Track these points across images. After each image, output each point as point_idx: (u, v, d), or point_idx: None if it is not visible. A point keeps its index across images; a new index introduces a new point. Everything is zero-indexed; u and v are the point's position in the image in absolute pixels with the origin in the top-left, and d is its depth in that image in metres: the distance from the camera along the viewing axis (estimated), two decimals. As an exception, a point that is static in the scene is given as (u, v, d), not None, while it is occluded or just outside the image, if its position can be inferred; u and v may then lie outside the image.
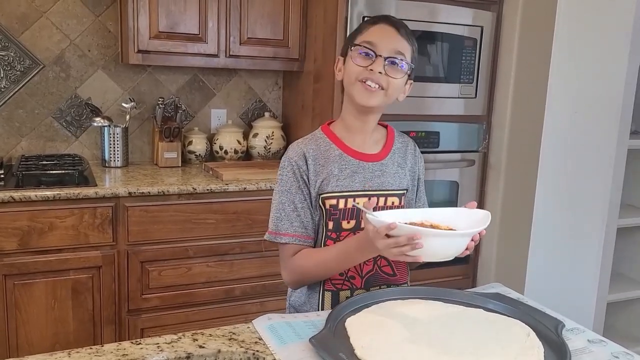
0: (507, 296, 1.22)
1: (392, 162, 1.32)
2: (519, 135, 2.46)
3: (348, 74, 1.24)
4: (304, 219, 1.26)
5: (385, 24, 1.25)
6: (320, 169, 1.27)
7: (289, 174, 1.27)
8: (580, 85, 2.31)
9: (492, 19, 2.50)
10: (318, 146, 1.29)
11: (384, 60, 1.21)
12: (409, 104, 2.39)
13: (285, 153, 1.31)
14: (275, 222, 1.27)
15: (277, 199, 1.28)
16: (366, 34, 1.24)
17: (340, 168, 1.27)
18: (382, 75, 1.21)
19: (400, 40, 1.24)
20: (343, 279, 1.29)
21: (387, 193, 1.30)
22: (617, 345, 1.05)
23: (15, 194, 1.92)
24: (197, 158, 2.64)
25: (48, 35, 2.43)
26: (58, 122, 2.50)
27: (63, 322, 2.05)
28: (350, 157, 1.28)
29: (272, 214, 1.29)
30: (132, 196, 2.07)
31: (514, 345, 1.00)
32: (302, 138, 1.33)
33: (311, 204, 1.27)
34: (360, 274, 1.29)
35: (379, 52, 1.21)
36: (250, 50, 2.46)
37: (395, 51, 1.22)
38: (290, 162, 1.28)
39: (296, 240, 1.26)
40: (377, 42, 1.21)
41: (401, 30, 1.24)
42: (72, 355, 0.94)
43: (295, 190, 1.26)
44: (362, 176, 1.28)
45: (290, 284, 1.32)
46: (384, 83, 1.21)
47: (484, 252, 2.68)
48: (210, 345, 1.00)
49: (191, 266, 2.20)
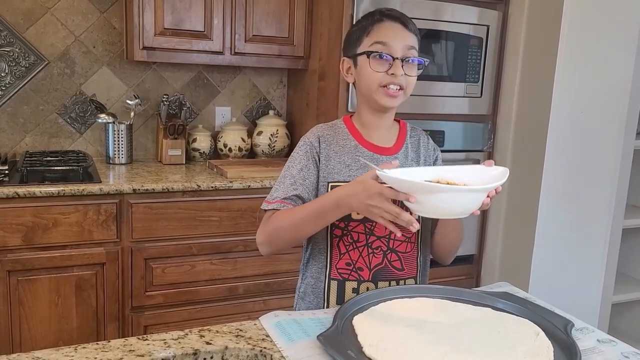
0: (515, 295, 1.21)
1: (405, 157, 1.32)
2: (524, 135, 2.45)
3: (367, 81, 1.24)
4: (300, 192, 1.25)
5: (392, 20, 1.24)
6: (332, 154, 1.28)
7: (300, 152, 1.29)
8: (586, 85, 2.30)
9: (498, 18, 2.49)
10: (335, 133, 1.31)
11: (400, 61, 1.21)
12: (414, 103, 2.39)
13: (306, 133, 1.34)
14: (272, 193, 1.27)
15: (282, 172, 1.29)
16: (374, 34, 1.23)
17: (353, 159, 1.28)
18: (402, 77, 1.22)
19: (409, 34, 1.24)
20: (350, 269, 1.28)
21: None
22: (627, 346, 1.04)
23: (20, 190, 1.92)
24: (202, 155, 2.64)
25: (53, 32, 2.42)
26: (62, 119, 2.50)
27: (66, 319, 2.04)
28: (365, 149, 1.29)
29: (273, 187, 1.30)
30: (136, 193, 2.07)
31: (523, 344, 0.99)
32: (324, 123, 1.36)
33: (315, 185, 1.27)
34: (369, 266, 1.28)
35: (395, 54, 1.21)
36: (255, 47, 2.46)
37: (407, 47, 1.22)
38: (305, 141, 1.30)
39: (283, 206, 1.24)
40: (389, 43, 1.21)
41: (408, 24, 1.25)
42: (78, 350, 0.93)
43: (301, 167, 1.27)
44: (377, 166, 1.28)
45: (260, 245, 1.28)
46: (404, 83, 1.23)
47: (488, 252, 2.67)
48: (217, 341, 1.00)
49: (195, 264, 2.20)
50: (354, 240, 1.27)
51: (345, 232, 1.27)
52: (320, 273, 1.30)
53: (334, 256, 1.29)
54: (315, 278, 1.31)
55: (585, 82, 2.29)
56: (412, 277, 1.33)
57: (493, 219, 2.63)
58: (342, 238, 1.28)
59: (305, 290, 1.35)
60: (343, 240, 1.28)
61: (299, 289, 1.39)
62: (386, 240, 1.29)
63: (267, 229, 1.25)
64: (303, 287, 1.36)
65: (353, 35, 1.28)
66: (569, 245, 2.41)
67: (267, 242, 1.27)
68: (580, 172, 2.36)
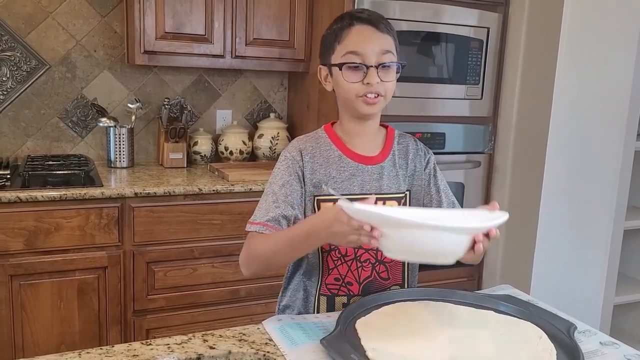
0: (518, 298, 1.21)
1: (391, 165, 1.27)
2: (525, 136, 2.46)
3: (344, 91, 1.19)
4: (283, 210, 1.18)
5: (362, 23, 1.18)
6: (317, 167, 1.23)
7: (282, 167, 1.23)
8: (587, 86, 2.30)
9: (499, 20, 2.49)
10: (318, 145, 1.26)
11: (375, 69, 1.16)
12: (414, 105, 2.40)
13: (286, 146, 1.29)
14: (255, 213, 1.21)
15: (265, 190, 1.24)
16: (346, 42, 1.18)
17: (338, 170, 1.23)
18: (379, 84, 1.16)
19: (383, 37, 1.18)
20: (339, 284, 1.25)
21: (385, 197, 1.25)
22: (629, 348, 1.05)
23: (22, 194, 1.92)
24: (203, 159, 2.64)
25: (54, 36, 2.43)
26: (64, 123, 2.50)
27: (69, 323, 2.04)
28: (350, 159, 1.24)
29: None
30: (138, 197, 2.07)
31: (526, 347, 1.00)
32: (304, 135, 1.30)
33: (302, 202, 1.22)
34: (358, 280, 1.25)
35: (369, 62, 1.16)
36: (256, 51, 2.46)
37: (381, 52, 1.17)
38: (286, 155, 1.24)
39: (264, 229, 1.17)
40: (362, 51, 1.16)
41: (380, 25, 1.18)
42: (82, 355, 0.94)
43: (282, 182, 1.21)
44: (361, 179, 1.24)
45: (241, 266, 1.21)
46: (382, 90, 1.18)
47: (489, 254, 2.67)
48: (221, 346, 1.00)
49: (197, 267, 2.20)
50: (342, 254, 1.23)
51: (333, 247, 1.23)
52: (312, 287, 1.27)
53: (324, 272, 1.25)
54: (307, 292, 1.27)
55: (585, 83, 2.30)
56: (398, 284, 1.29)
57: (494, 221, 2.63)
58: (330, 253, 1.24)
59: (287, 304, 1.30)
60: (331, 254, 1.24)
61: (280, 303, 1.33)
62: (374, 252, 1.25)
63: (246, 252, 1.20)
64: (285, 300, 1.31)
65: (326, 41, 1.23)
66: (570, 247, 2.41)
67: (246, 266, 1.21)
68: (581, 173, 2.36)
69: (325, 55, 1.23)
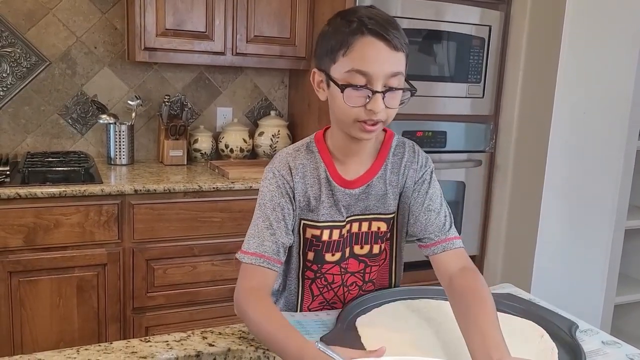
0: (519, 297, 1.21)
1: (381, 183, 1.14)
2: (527, 135, 2.45)
3: (342, 113, 1.02)
4: (278, 238, 1.07)
5: (373, 36, 0.99)
6: (308, 188, 1.11)
7: (270, 186, 1.10)
8: (588, 85, 2.29)
9: (500, 18, 2.48)
10: (309, 161, 1.12)
11: (382, 94, 0.99)
12: (415, 104, 2.38)
13: (272, 161, 1.14)
14: (247, 240, 1.08)
15: (255, 213, 1.11)
16: (352, 55, 0.99)
17: (327, 194, 1.11)
18: (382, 111, 1.00)
19: (394, 55, 1.00)
20: (324, 305, 1.19)
21: (371, 217, 1.15)
22: (632, 347, 1.04)
23: (21, 191, 1.92)
24: (203, 156, 2.64)
25: (54, 32, 2.42)
26: (64, 119, 2.50)
27: (68, 320, 2.04)
28: (336, 184, 1.11)
29: (248, 229, 1.11)
30: (137, 194, 2.07)
31: (527, 346, 0.99)
32: (293, 146, 1.16)
33: (294, 222, 1.12)
34: (344, 301, 1.19)
35: (375, 86, 0.99)
36: (256, 48, 2.45)
37: (391, 74, 1.00)
38: (274, 173, 1.11)
39: (262, 261, 1.05)
40: (370, 71, 0.98)
41: (394, 39, 0.99)
42: (81, 352, 0.93)
43: (274, 205, 1.08)
44: (347, 202, 1.13)
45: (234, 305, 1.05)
46: (384, 117, 1.02)
47: (490, 253, 2.67)
48: (220, 343, 0.99)
49: (196, 264, 2.19)
50: (328, 282, 1.17)
51: (318, 275, 1.17)
52: (292, 307, 1.20)
53: (306, 298, 1.19)
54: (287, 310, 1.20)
55: (587, 82, 2.29)
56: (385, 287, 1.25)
57: (495, 220, 2.63)
58: (315, 280, 1.17)
59: None
60: (316, 282, 1.17)
61: None
62: (361, 275, 1.19)
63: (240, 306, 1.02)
64: None
65: (326, 44, 1.04)
66: (571, 246, 2.40)
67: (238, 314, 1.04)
68: (582, 172, 2.35)
69: (324, 61, 1.05)
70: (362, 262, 1.19)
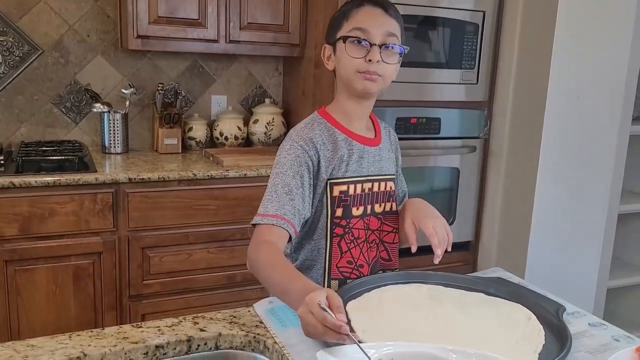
0: (508, 280, 1.22)
1: (385, 148, 1.33)
2: (521, 121, 2.45)
3: (345, 67, 1.20)
4: (296, 204, 1.15)
5: (372, 5, 1.20)
6: (330, 154, 1.22)
7: (290, 157, 1.19)
8: (582, 70, 2.29)
9: (494, 3, 2.47)
10: (322, 131, 1.24)
11: (378, 48, 1.17)
12: (409, 90, 2.38)
13: (286, 138, 1.25)
14: (265, 204, 1.15)
15: (272, 181, 1.19)
16: (353, 19, 1.19)
17: (349, 153, 1.24)
18: (379, 64, 1.17)
19: (390, 20, 1.20)
20: (352, 268, 1.26)
21: (385, 178, 1.31)
22: (617, 329, 1.05)
23: (16, 180, 1.92)
24: (197, 144, 2.64)
25: (47, 20, 2.41)
26: (57, 108, 2.49)
27: (64, 308, 2.05)
28: (355, 141, 1.26)
29: (263, 197, 1.18)
30: (132, 182, 2.07)
31: (515, 329, 1.00)
32: (302, 123, 1.28)
33: (311, 194, 1.20)
34: (368, 261, 1.28)
35: (373, 40, 1.17)
36: (250, 35, 2.44)
37: (387, 34, 1.19)
38: (295, 146, 1.20)
39: (281, 222, 1.12)
40: (368, 28, 1.17)
41: (389, 9, 1.21)
42: (73, 338, 0.94)
43: (293, 174, 1.17)
44: (367, 161, 1.27)
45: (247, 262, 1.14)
46: (381, 71, 1.18)
47: (485, 239, 2.68)
48: (211, 328, 1.00)
49: (192, 252, 2.20)
50: (354, 237, 1.25)
51: (347, 230, 1.24)
52: (318, 274, 1.26)
53: (334, 255, 1.25)
54: (312, 279, 1.22)
55: (581, 67, 2.29)
56: (396, 268, 1.34)
57: (489, 205, 2.64)
58: (344, 236, 1.24)
59: None
60: (344, 238, 1.25)
61: None
62: (378, 232, 1.30)
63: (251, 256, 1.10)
64: None
65: (334, 21, 1.25)
66: (565, 231, 2.41)
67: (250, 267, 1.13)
68: (576, 158, 2.36)
69: (332, 34, 1.24)
70: (379, 220, 1.30)
